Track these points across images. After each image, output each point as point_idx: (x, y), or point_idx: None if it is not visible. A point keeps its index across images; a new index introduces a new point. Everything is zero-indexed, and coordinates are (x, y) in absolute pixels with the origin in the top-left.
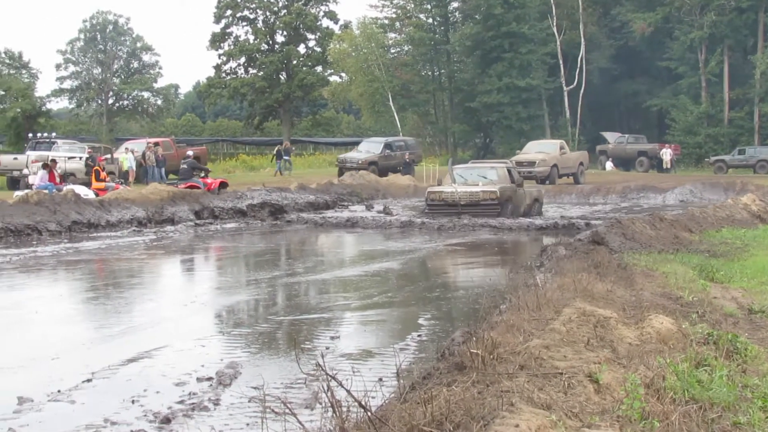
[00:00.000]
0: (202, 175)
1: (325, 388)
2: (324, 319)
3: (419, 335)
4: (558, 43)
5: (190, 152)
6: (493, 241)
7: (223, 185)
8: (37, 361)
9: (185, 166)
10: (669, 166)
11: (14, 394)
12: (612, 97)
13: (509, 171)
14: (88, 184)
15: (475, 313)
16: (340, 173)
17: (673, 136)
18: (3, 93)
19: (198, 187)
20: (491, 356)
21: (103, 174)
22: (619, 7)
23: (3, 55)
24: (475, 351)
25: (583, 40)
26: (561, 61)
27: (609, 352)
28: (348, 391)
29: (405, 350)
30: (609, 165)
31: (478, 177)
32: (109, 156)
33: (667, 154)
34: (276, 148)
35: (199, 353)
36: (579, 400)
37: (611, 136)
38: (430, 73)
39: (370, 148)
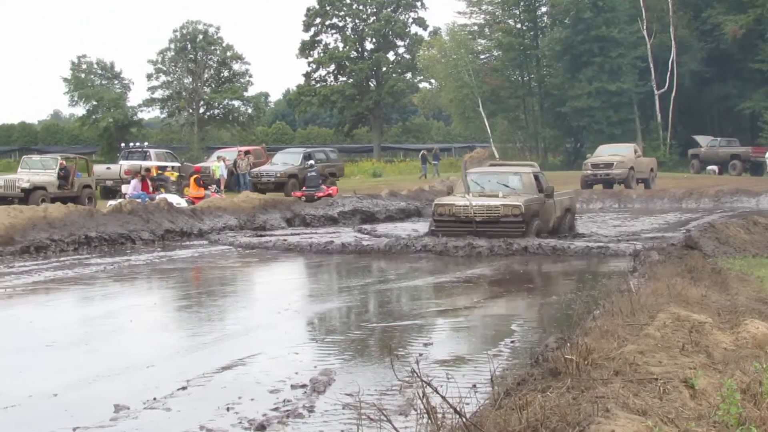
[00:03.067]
0: (328, 183)
1: (420, 395)
2: (416, 325)
3: (512, 341)
4: (648, 46)
5: (311, 161)
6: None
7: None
8: (133, 369)
9: (313, 173)
10: None
11: (111, 401)
12: (703, 101)
13: (537, 177)
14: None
15: (569, 319)
16: (254, 188)
17: (767, 139)
18: (95, 103)
19: (330, 195)
20: (586, 362)
21: (198, 182)
22: (709, 10)
23: (95, 66)
24: (569, 357)
25: (673, 43)
26: (651, 65)
27: (704, 358)
28: (443, 397)
29: (498, 356)
30: (711, 168)
31: (498, 185)
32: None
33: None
34: (422, 152)
35: (293, 360)
36: (675, 406)
37: (703, 140)
38: (519, 78)
39: (287, 159)
